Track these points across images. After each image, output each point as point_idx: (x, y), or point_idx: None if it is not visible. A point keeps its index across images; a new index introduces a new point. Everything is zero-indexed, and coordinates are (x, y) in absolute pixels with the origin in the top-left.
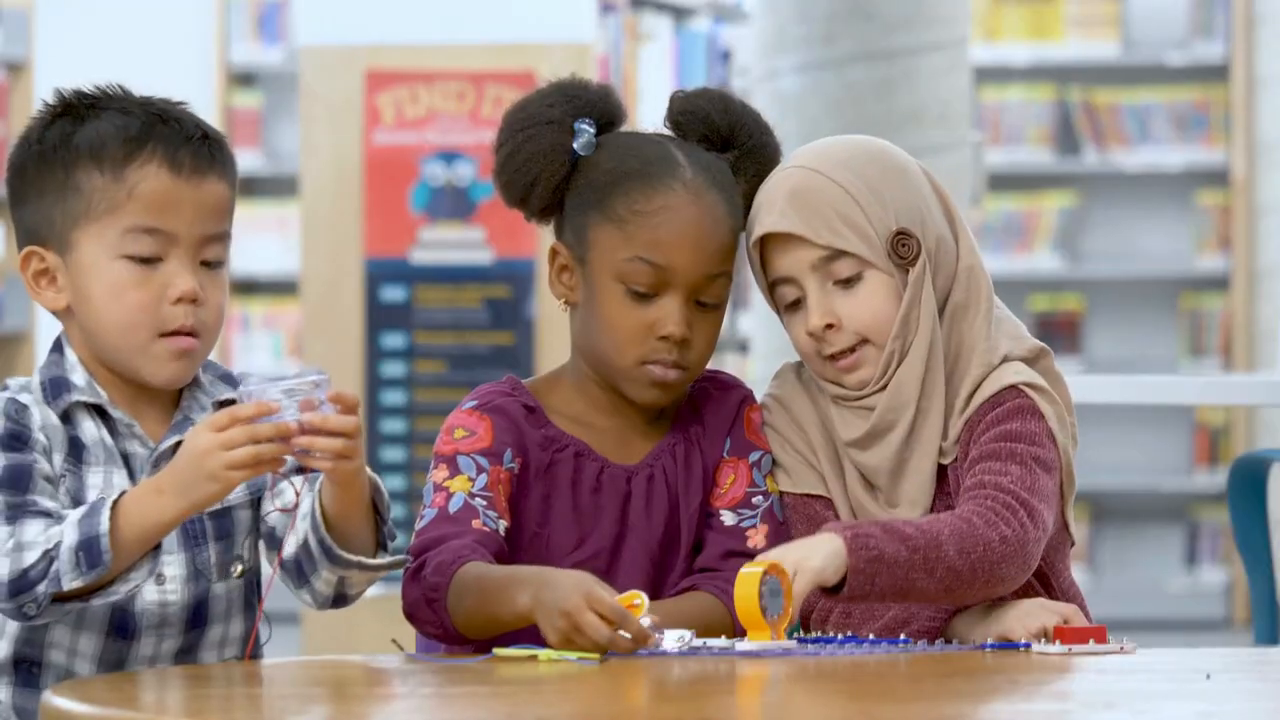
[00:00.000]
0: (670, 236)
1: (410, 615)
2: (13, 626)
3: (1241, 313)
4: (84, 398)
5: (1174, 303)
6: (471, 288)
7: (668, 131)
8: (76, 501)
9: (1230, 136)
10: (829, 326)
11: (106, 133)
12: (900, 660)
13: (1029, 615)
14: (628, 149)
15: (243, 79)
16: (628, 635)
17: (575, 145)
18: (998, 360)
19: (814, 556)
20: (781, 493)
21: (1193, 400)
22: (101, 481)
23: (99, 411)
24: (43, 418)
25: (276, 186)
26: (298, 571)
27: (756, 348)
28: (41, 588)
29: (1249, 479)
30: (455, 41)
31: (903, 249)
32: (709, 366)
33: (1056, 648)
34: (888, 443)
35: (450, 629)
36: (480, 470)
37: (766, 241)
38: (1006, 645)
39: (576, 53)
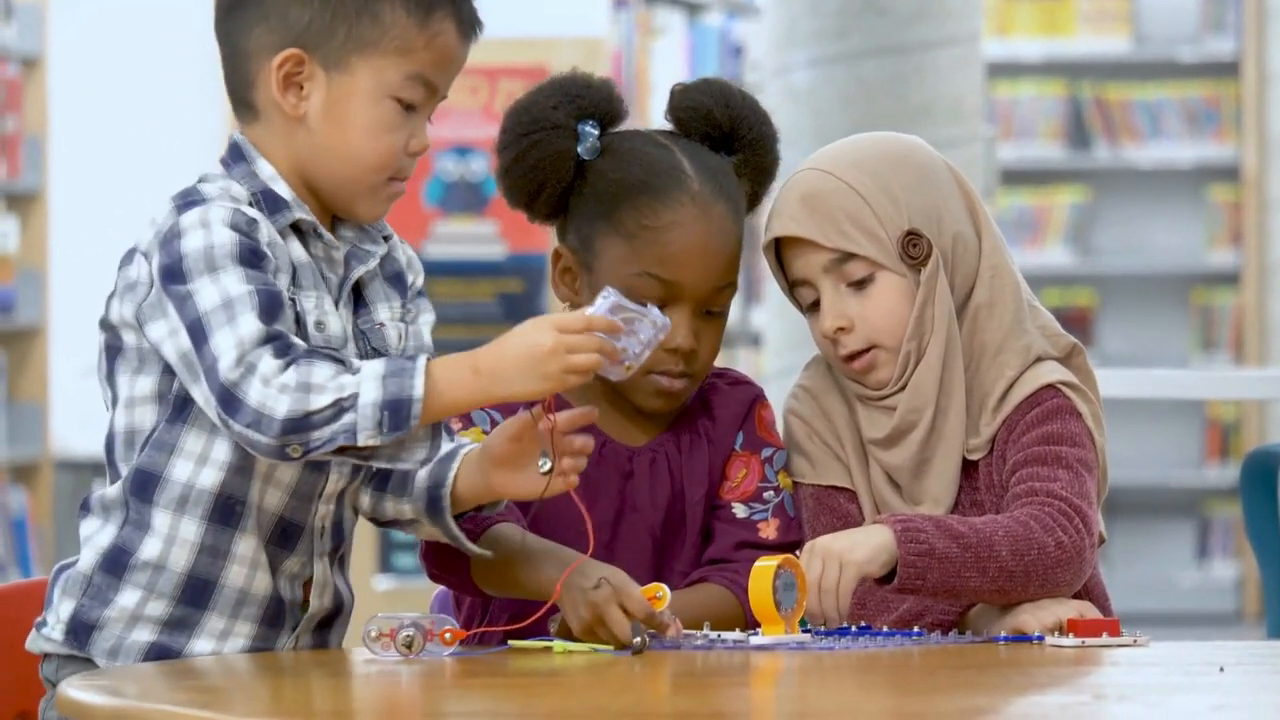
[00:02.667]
0: (679, 252)
1: (426, 554)
2: (223, 453)
3: (1253, 307)
4: (303, 215)
5: (1185, 297)
6: (484, 282)
7: (669, 126)
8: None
9: (1241, 132)
10: (841, 329)
11: None
12: (914, 653)
13: (1042, 608)
14: (634, 157)
15: None
16: (650, 633)
17: (580, 149)
18: (1032, 358)
19: (859, 549)
20: (806, 484)
21: (1204, 395)
22: (314, 306)
23: (295, 229)
24: (269, 234)
25: None
26: (380, 482)
27: (770, 342)
28: (321, 434)
29: (1261, 473)
30: None
31: (913, 249)
32: (717, 365)
33: (1070, 640)
34: (909, 442)
35: (465, 576)
36: (494, 424)
37: (782, 244)
38: (1020, 638)
39: (589, 47)
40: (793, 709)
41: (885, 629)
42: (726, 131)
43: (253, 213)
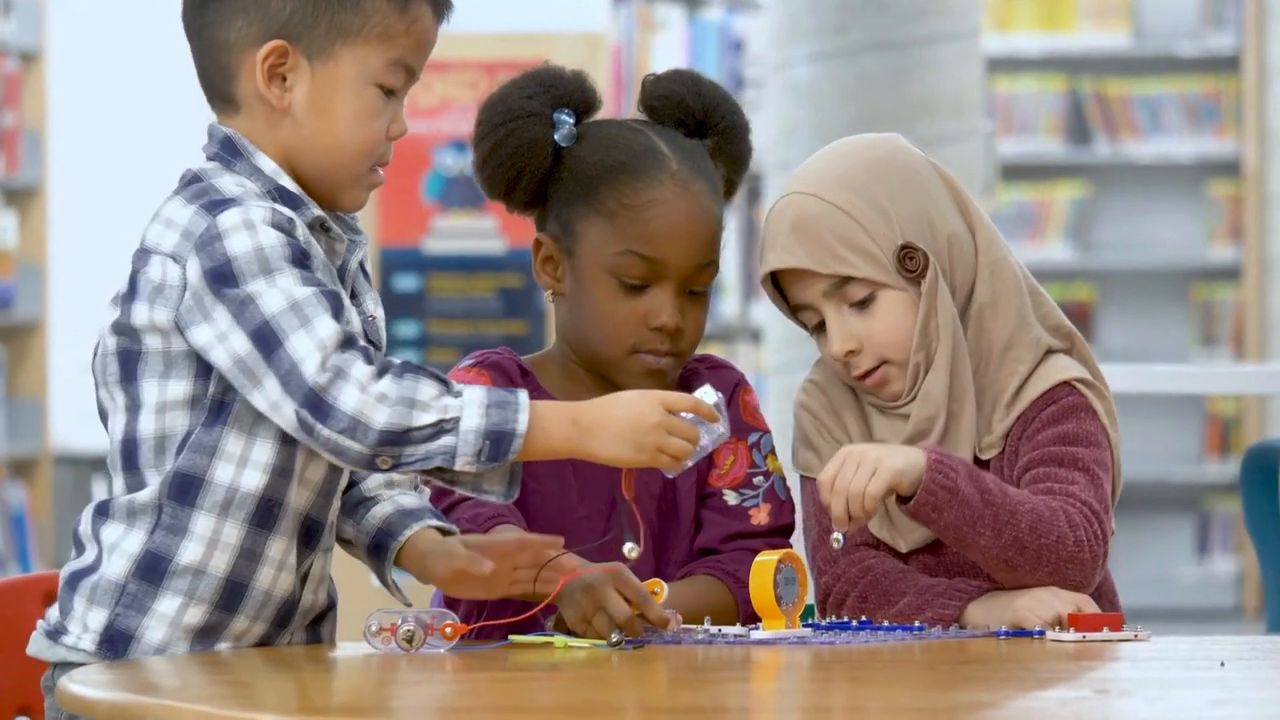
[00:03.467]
0: (661, 229)
1: None
2: (265, 455)
3: (1253, 303)
4: (318, 211)
5: (1185, 293)
6: (484, 277)
7: (642, 116)
8: None
9: (1241, 127)
10: (851, 352)
11: None
12: (915, 647)
13: (1043, 603)
14: (611, 141)
15: None
16: (648, 628)
17: (556, 137)
18: (1042, 352)
19: (896, 457)
20: (813, 478)
21: (1204, 390)
22: None
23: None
24: (304, 232)
25: None
26: (341, 490)
27: (770, 338)
28: (416, 450)
29: (1261, 468)
30: (468, 30)
31: (909, 264)
32: (700, 351)
33: (1071, 635)
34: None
35: None
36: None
37: (780, 273)
38: (1021, 633)
39: (589, 42)
40: (794, 704)
41: (886, 623)
42: (699, 119)
43: (287, 211)
